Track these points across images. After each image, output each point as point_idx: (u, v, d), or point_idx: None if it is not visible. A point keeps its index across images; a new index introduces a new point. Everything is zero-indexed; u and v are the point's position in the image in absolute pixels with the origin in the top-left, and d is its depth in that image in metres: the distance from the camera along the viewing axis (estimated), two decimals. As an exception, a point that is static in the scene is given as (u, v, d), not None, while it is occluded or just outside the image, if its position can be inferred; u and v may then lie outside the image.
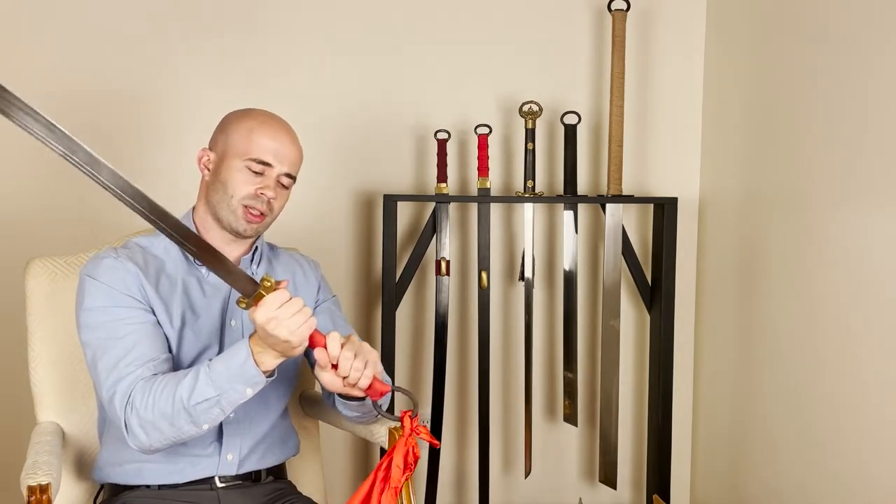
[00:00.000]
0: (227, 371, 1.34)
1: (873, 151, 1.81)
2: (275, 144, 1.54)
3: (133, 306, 1.47)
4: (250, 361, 1.33)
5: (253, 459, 1.58)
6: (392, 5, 2.39)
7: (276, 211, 1.58)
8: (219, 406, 1.35)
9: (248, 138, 1.53)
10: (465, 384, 2.52)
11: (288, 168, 1.56)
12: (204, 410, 1.35)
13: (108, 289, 1.47)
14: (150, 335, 1.46)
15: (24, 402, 1.73)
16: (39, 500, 1.36)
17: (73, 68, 2.23)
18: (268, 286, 1.30)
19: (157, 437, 1.38)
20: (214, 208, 1.55)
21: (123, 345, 1.42)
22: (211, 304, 1.55)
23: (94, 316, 1.46)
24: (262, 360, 1.34)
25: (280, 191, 1.57)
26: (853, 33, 1.88)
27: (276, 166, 1.54)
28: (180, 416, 1.35)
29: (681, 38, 2.53)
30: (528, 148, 2.34)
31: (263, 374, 1.35)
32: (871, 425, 1.82)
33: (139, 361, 1.41)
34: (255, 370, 1.34)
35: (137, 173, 2.26)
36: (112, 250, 1.54)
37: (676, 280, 2.42)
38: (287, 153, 1.56)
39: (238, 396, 1.35)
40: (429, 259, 2.38)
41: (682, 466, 2.61)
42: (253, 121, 1.56)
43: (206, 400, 1.34)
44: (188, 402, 1.34)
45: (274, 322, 1.28)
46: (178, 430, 1.37)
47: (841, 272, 1.92)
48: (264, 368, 1.34)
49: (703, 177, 2.55)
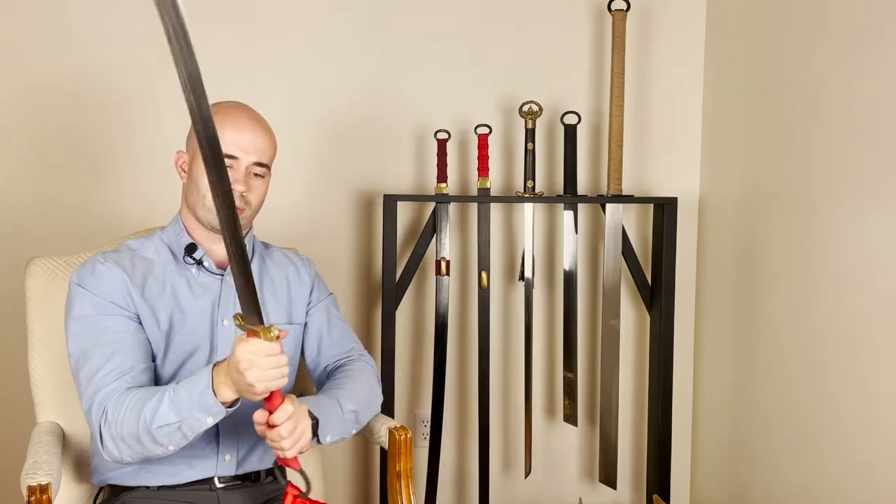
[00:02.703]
0: (189, 398, 1.32)
1: (873, 151, 1.81)
2: (239, 136, 1.51)
3: (117, 314, 1.47)
4: (209, 391, 1.30)
5: (253, 460, 1.58)
6: (392, 5, 2.39)
7: (255, 203, 1.56)
8: (181, 431, 1.33)
9: None
10: (465, 384, 2.51)
11: (257, 157, 1.53)
12: (165, 435, 1.33)
13: (93, 297, 1.47)
14: (130, 344, 1.45)
15: (24, 402, 1.73)
16: (39, 500, 1.36)
17: (75, 68, 2.23)
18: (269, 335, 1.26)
19: (128, 453, 1.37)
20: (193, 209, 1.55)
21: (103, 354, 1.42)
22: (200, 304, 1.55)
23: (78, 325, 1.46)
24: (220, 390, 1.31)
25: (253, 182, 1.54)
26: (853, 33, 1.88)
27: (242, 158, 1.52)
28: (144, 437, 1.34)
29: (681, 38, 2.53)
30: (528, 148, 2.34)
31: (222, 405, 1.32)
32: (871, 424, 1.82)
33: (116, 372, 1.41)
34: (213, 400, 1.30)
35: (141, 174, 2.26)
36: (101, 255, 1.54)
37: (676, 280, 2.42)
38: (253, 143, 1.53)
39: (198, 424, 1.33)
40: (429, 259, 2.38)
41: (682, 466, 2.61)
42: (216, 115, 1.49)
43: (168, 425, 1.32)
44: (151, 424, 1.33)
45: (249, 363, 1.25)
46: (144, 448, 1.36)
47: (840, 271, 1.92)
48: (223, 399, 1.31)
49: (702, 177, 2.55)
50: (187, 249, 1.56)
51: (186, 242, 1.57)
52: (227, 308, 1.56)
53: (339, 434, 1.51)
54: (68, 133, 2.24)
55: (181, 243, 1.57)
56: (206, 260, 1.57)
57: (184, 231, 1.58)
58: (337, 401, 1.51)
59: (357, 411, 1.56)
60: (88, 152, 2.25)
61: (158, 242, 1.59)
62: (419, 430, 2.48)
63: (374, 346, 2.39)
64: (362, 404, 1.58)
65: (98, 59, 2.24)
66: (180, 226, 1.59)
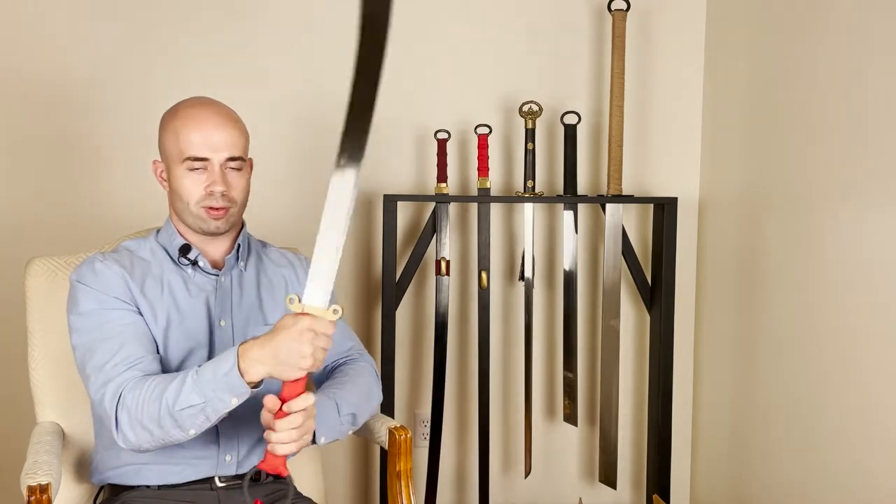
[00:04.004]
0: (214, 378, 1.31)
1: (873, 151, 1.81)
2: (204, 136, 1.49)
3: (121, 308, 1.48)
4: (235, 371, 1.30)
5: (254, 460, 1.58)
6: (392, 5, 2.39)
7: (240, 199, 1.55)
8: (204, 413, 1.33)
9: (177, 139, 1.49)
10: (465, 384, 2.51)
11: (228, 153, 1.51)
12: (189, 417, 1.33)
13: (95, 293, 1.47)
14: (137, 335, 1.46)
15: (24, 402, 1.73)
16: (39, 499, 1.36)
17: (74, 69, 2.23)
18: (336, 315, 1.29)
19: (146, 438, 1.37)
20: (181, 216, 1.55)
21: (111, 346, 1.42)
22: (196, 304, 1.55)
23: (83, 320, 1.46)
24: (249, 369, 1.30)
25: (232, 177, 1.52)
26: (853, 33, 1.88)
27: (214, 157, 1.50)
28: (166, 420, 1.33)
29: (681, 38, 2.53)
30: (528, 148, 2.34)
31: (248, 386, 1.31)
32: (871, 425, 1.82)
33: (127, 363, 1.41)
34: (239, 380, 1.30)
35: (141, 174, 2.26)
36: (100, 254, 1.55)
37: (676, 280, 2.42)
38: (220, 139, 1.50)
39: (223, 406, 1.32)
40: (429, 259, 2.38)
41: (682, 466, 2.61)
42: (177, 120, 1.51)
43: (191, 406, 1.32)
44: (173, 407, 1.32)
45: (310, 336, 1.27)
46: (165, 432, 1.35)
47: (840, 272, 1.92)
48: (249, 379, 1.30)
49: (703, 177, 2.55)
50: (182, 250, 1.56)
51: (180, 244, 1.57)
52: (224, 308, 1.56)
53: (334, 436, 1.51)
54: (68, 133, 2.24)
55: (175, 244, 1.57)
56: (200, 260, 1.57)
57: (176, 233, 1.58)
58: (335, 402, 1.51)
59: (355, 414, 1.55)
60: (88, 152, 2.25)
61: (154, 243, 1.59)
62: (419, 430, 2.48)
63: (374, 346, 2.39)
64: (361, 405, 1.58)
65: (97, 60, 2.24)
66: (172, 228, 1.59)
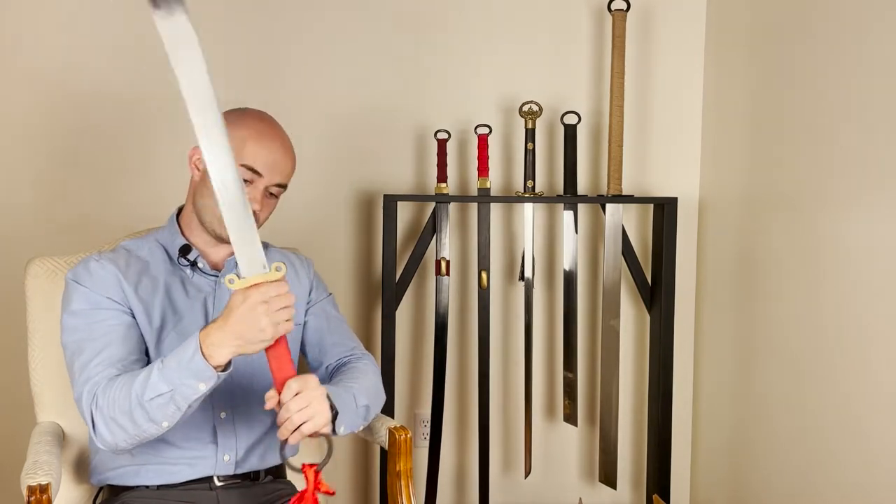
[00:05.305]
0: (178, 365, 1.30)
1: (873, 151, 1.81)
2: (269, 156, 1.51)
3: (111, 308, 1.48)
4: (198, 355, 1.29)
5: (253, 460, 1.58)
6: (392, 5, 2.39)
7: (262, 221, 1.55)
8: (174, 402, 1.31)
9: (242, 145, 1.49)
10: (465, 384, 2.51)
11: (280, 179, 1.54)
12: (159, 407, 1.32)
13: (88, 292, 1.48)
14: (123, 337, 1.46)
15: (24, 402, 1.73)
16: (39, 499, 1.37)
17: (74, 68, 2.23)
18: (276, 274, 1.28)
19: (122, 436, 1.36)
20: (200, 211, 1.54)
21: (95, 347, 1.43)
22: (194, 305, 1.55)
23: (73, 319, 1.47)
24: (213, 353, 1.29)
25: (267, 201, 1.55)
26: (853, 33, 1.88)
27: (266, 177, 1.51)
28: (137, 413, 1.32)
29: (681, 38, 2.52)
30: (528, 148, 2.34)
31: (214, 370, 1.30)
32: (872, 425, 1.82)
33: (107, 362, 1.41)
34: (204, 365, 1.29)
35: (141, 174, 2.26)
36: (97, 254, 1.56)
37: (676, 280, 2.42)
38: (280, 165, 1.53)
39: (191, 392, 1.31)
40: (429, 259, 2.38)
41: (682, 466, 2.61)
42: (248, 130, 1.51)
43: (160, 395, 1.31)
44: (142, 397, 1.32)
45: (263, 308, 1.26)
46: (138, 427, 1.34)
47: (840, 272, 1.92)
48: (215, 363, 1.29)
49: (703, 177, 2.55)
50: (182, 251, 1.56)
51: (181, 244, 1.57)
52: (220, 309, 1.55)
53: (351, 427, 1.49)
54: (68, 133, 2.24)
55: (175, 244, 1.57)
56: (200, 261, 1.57)
57: (178, 233, 1.58)
58: (353, 394, 1.50)
59: (369, 406, 1.55)
60: (88, 152, 2.25)
61: (153, 243, 1.59)
62: (419, 430, 2.48)
63: (374, 346, 2.39)
64: (372, 401, 1.58)
65: (98, 61, 2.24)
66: (175, 227, 1.59)
